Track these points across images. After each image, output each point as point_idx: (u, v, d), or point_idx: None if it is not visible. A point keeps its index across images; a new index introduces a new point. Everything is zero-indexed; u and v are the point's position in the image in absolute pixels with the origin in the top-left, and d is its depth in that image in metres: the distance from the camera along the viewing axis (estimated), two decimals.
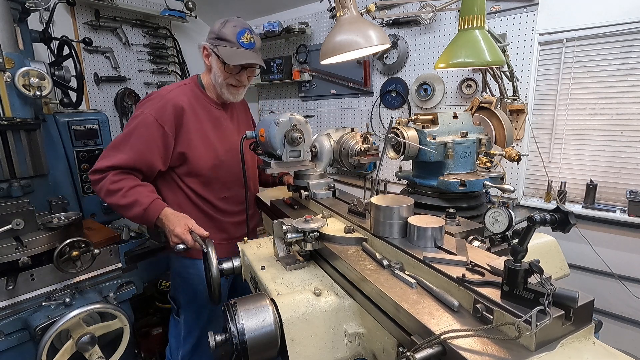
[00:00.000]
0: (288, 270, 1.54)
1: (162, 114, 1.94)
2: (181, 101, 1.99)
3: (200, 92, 2.13)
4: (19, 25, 2.37)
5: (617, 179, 2.83)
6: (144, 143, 1.92)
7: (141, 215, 1.89)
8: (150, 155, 1.95)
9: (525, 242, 0.89)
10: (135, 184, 1.92)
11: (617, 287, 2.84)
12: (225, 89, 2.08)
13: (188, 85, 2.13)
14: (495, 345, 0.84)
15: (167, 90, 2.04)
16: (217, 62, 2.02)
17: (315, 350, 1.22)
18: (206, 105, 2.12)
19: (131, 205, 1.88)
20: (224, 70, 2.02)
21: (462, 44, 1.76)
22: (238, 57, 1.97)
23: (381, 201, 1.38)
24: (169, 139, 1.97)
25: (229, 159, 2.15)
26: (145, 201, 1.89)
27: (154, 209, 1.89)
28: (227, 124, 2.20)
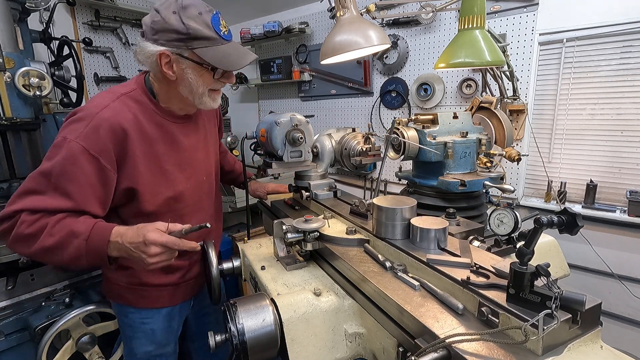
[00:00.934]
0: (288, 270, 1.54)
1: (95, 141, 1.36)
2: (122, 120, 1.43)
3: (150, 102, 1.56)
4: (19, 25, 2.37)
5: (617, 179, 2.83)
6: (72, 185, 1.35)
7: (83, 250, 1.31)
8: (82, 201, 1.37)
9: (532, 244, 0.89)
10: (62, 217, 1.34)
11: (617, 287, 2.84)
12: (207, 97, 1.58)
13: (131, 94, 1.54)
14: (501, 350, 0.83)
15: (99, 105, 1.43)
16: (197, 69, 1.48)
17: (315, 350, 1.22)
18: (158, 120, 1.57)
19: (64, 241, 1.30)
20: (210, 78, 1.52)
21: (462, 44, 1.76)
22: (233, 57, 1.50)
23: (383, 202, 1.38)
24: (108, 174, 1.41)
25: (191, 186, 1.69)
26: (83, 228, 1.32)
27: (100, 233, 1.33)
28: (188, 141, 1.68)
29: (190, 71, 1.48)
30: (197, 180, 1.73)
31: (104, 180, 1.41)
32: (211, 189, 1.85)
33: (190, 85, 1.51)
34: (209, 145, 1.83)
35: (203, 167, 1.77)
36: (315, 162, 2.16)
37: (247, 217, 2.18)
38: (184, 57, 1.44)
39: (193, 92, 1.53)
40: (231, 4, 4.75)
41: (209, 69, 1.48)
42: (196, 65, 1.47)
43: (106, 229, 1.36)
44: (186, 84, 1.51)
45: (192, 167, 1.70)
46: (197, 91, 1.53)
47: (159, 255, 1.34)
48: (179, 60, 1.45)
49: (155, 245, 1.31)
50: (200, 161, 1.75)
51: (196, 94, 1.54)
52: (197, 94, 1.54)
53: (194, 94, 1.54)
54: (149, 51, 1.45)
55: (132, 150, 1.47)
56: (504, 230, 1.29)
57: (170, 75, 1.48)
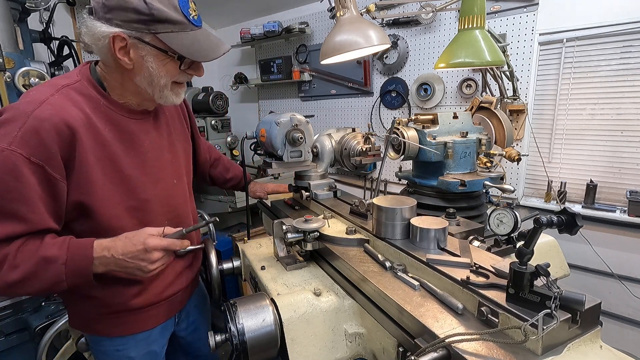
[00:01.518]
0: (288, 270, 1.54)
1: (36, 145, 1.11)
2: (66, 117, 1.17)
3: (100, 95, 1.30)
4: (19, 25, 2.37)
5: (617, 179, 2.83)
6: (20, 204, 1.12)
7: (63, 276, 1.16)
8: (38, 220, 1.16)
9: (532, 244, 0.89)
10: (21, 243, 1.14)
11: (617, 287, 2.84)
12: (169, 91, 1.34)
13: (75, 86, 1.27)
14: (500, 350, 0.84)
15: (34, 101, 1.16)
16: (159, 57, 1.25)
17: (315, 350, 1.22)
18: (111, 116, 1.31)
19: (36, 271, 1.13)
20: (175, 68, 1.30)
21: (462, 44, 1.76)
22: (204, 46, 1.29)
23: (383, 202, 1.38)
24: (58, 185, 1.18)
25: (159, 192, 1.44)
26: (56, 251, 1.15)
27: (80, 253, 1.18)
28: (149, 140, 1.44)
29: (151, 59, 1.25)
30: (167, 185, 1.49)
31: (54, 192, 1.18)
32: (185, 194, 1.60)
33: (151, 75, 1.28)
34: (176, 144, 1.59)
35: (172, 170, 1.53)
36: (315, 162, 2.16)
37: (247, 217, 2.18)
38: (145, 42, 1.22)
39: (153, 84, 1.30)
40: (231, 4, 4.75)
41: (174, 57, 1.26)
42: (159, 53, 1.24)
43: (85, 246, 1.20)
44: (145, 75, 1.28)
45: (159, 170, 1.46)
46: (158, 83, 1.30)
47: (160, 260, 1.28)
48: (138, 45, 1.22)
49: (157, 251, 1.25)
50: (167, 163, 1.50)
51: (156, 87, 1.31)
52: (158, 86, 1.31)
53: (153, 86, 1.31)
54: (99, 32, 1.20)
55: (83, 155, 1.21)
56: (504, 230, 1.29)
57: (126, 62, 1.24)
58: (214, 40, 1.32)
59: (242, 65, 5.45)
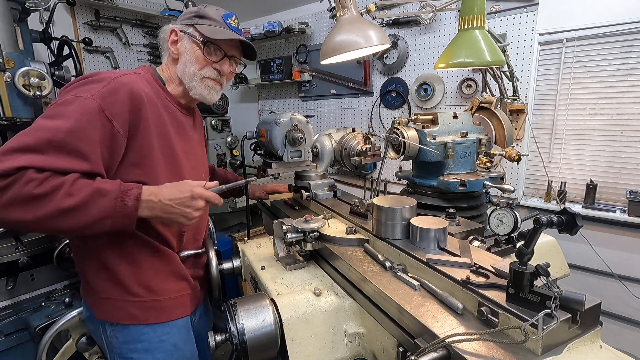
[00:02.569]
0: (288, 270, 1.54)
1: (112, 102, 1.24)
2: (142, 89, 1.35)
3: (160, 87, 1.50)
4: (19, 25, 2.36)
5: (617, 179, 2.83)
6: (88, 145, 1.20)
7: (111, 210, 1.18)
8: (98, 164, 1.23)
9: (532, 244, 0.89)
10: (77, 177, 1.18)
11: (617, 287, 2.84)
12: (199, 82, 1.49)
13: (144, 76, 1.47)
14: (500, 350, 0.83)
15: (118, 73, 1.36)
16: (192, 45, 1.47)
17: (315, 350, 1.22)
18: (168, 105, 1.49)
19: (88, 201, 1.15)
20: (201, 56, 1.47)
21: (462, 44, 1.76)
22: (224, 34, 1.48)
23: (383, 202, 1.38)
24: (119, 142, 1.27)
25: (194, 179, 1.47)
26: (109, 187, 1.20)
27: (130, 191, 1.23)
28: (192, 134, 1.64)
29: (187, 47, 1.48)
30: (199, 176, 1.63)
31: (114, 147, 1.28)
32: None
33: (185, 62, 1.49)
34: (204, 146, 1.80)
35: (203, 164, 1.73)
36: (315, 162, 2.16)
37: (247, 217, 2.18)
38: (187, 33, 1.47)
39: (186, 72, 1.49)
40: (231, 4, 4.75)
41: (199, 42, 1.46)
42: (191, 40, 1.47)
43: (136, 187, 1.25)
44: (182, 61, 1.49)
45: (196, 162, 1.64)
46: (188, 70, 1.48)
47: (201, 210, 1.34)
48: (183, 36, 1.48)
49: (202, 199, 1.32)
50: (200, 157, 1.70)
51: (187, 74, 1.49)
52: (188, 73, 1.49)
53: (186, 74, 1.49)
54: (164, 29, 1.53)
55: (147, 124, 1.34)
56: (504, 230, 1.29)
57: (173, 52, 1.50)
58: (238, 36, 1.51)
59: None
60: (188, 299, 1.58)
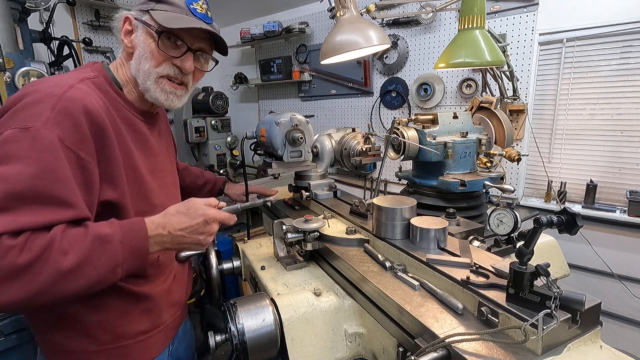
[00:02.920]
0: (288, 270, 1.54)
1: (71, 127, 1.00)
2: (94, 104, 1.07)
3: (116, 93, 1.21)
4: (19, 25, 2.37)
5: (617, 179, 2.83)
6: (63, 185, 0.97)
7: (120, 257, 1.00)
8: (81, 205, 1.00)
9: (532, 244, 0.89)
10: (63, 229, 0.96)
11: (617, 287, 2.84)
12: (154, 84, 1.20)
13: (95, 81, 1.17)
14: (500, 350, 0.84)
15: (60, 84, 1.05)
16: (147, 36, 1.18)
17: (315, 350, 1.22)
18: (126, 115, 1.22)
19: (90, 254, 0.95)
20: (155, 49, 1.17)
21: (462, 44, 1.76)
22: (185, 21, 1.17)
23: (383, 202, 1.38)
24: (91, 172, 1.04)
25: (164, 199, 1.32)
26: (108, 229, 1.01)
27: (133, 229, 1.05)
28: (157, 144, 1.37)
29: (141, 38, 1.19)
30: (169, 193, 1.40)
31: (88, 181, 1.04)
32: None
33: (139, 56, 1.20)
34: (172, 156, 1.54)
35: (171, 178, 1.47)
36: (315, 162, 2.16)
37: (247, 217, 2.18)
38: (142, 21, 1.18)
39: (139, 69, 1.20)
40: (231, 4, 4.75)
41: (156, 31, 1.16)
42: (146, 29, 1.18)
43: (137, 223, 1.07)
44: (136, 56, 1.20)
45: (164, 177, 1.38)
46: (143, 67, 1.19)
47: (214, 234, 1.18)
48: (138, 25, 1.20)
49: (216, 222, 1.16)
50: (168, 170, 1.44)
51: (141, 72, 1.20)
52: (142, 71, 1.19)
53: (139, 71, 1.20)
54: (117, 17, 1.23)
55: (111, 145, 1.10)
56: (504, 230, 1.29)
57: (127, 45, 1.22)
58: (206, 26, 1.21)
59: (242, 65, 5.45)
60: (162, 335, 1.35)
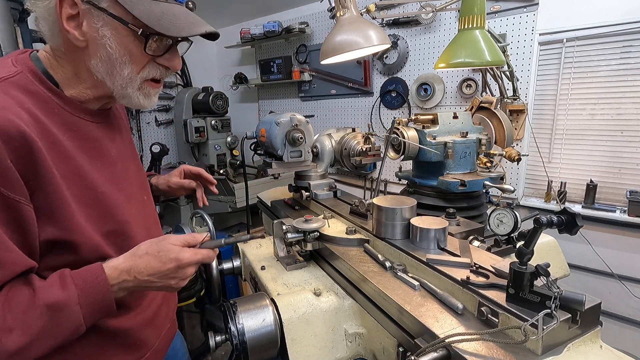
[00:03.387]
0: (288, 270, 1.54)
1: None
2: (16, 121, 0.83)
3: (49, 91, 0.95)
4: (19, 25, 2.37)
5: (617, 179, 2.83)
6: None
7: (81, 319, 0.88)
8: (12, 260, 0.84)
9: (532, 244, 0.89)
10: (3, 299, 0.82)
11: (617, 287, 2.84)
12: (137, 90, 1.01)
13: (14, 80, 0.91)
14: (500, 350, 0.84)
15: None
16: (119, 35, 0.93)
17: (315, 350, 1.22)
18: (67, 118, 0.98)
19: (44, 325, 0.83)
20: (139, 52, 0.96)
21: (462, 44, 1.76)
22: (180, 19, 0.96)
23: (383, 202, 1.38)
24: (22, 210, 0.85)
25: (135, 211, 1.14)
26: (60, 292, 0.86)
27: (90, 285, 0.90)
28: (115, 147, 1.14)
29: (108, 33, 0.92)
30: (139, 203, 1.19)
31: (20, 222, 0.85)
32: (154, 214, 1.30)
33: (110, 59, 0.94)
34: (136, 154, 1.30)
35: (139, 184, 1.24)
36: (315, 162, 2.16)
37: (247, 217, 2.18)
38: (99, 7, 0.89)
39: (113, 74, 0.97)
40: (231, 4, 4.75)
41: (137, 32, 0.92)
42: (118, 25, 0.91)
43: (94, 274, 0.91)
44: (102, 57, 0.94)
45: (129, 185, 1.16)
46: (120, 73, 0.96)
47: (189, 277, 1.03)
48: (92, 12, 0.90)
49: (192, 266, 1.00)
50: (134, 175, 1.21)
51: (117, 78, 0.97)
52: (120, 77, 0.97)
53: (114, 76, 0.97)
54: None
55: (46, 170, 0.88)
56: (504, 230, 1.29)
57: (76, 38, 0.91)
58: (193, 18, 1.00)
59: (242, 65, 5.45)
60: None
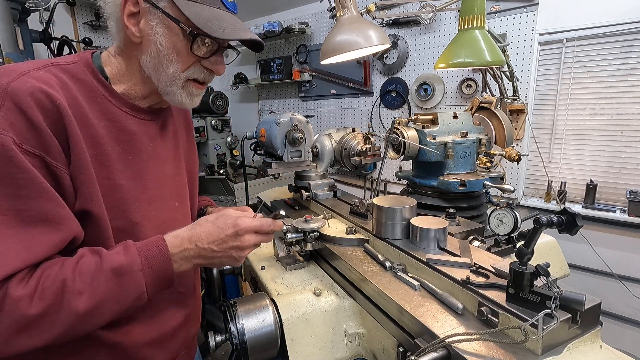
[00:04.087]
0: (288, 270, 1.54)
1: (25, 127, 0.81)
2: (51, 91, 0.85)
3: (97, 81, 0.99)
4: (19, 25, 2.37)
5: (617, 179, 2.83)
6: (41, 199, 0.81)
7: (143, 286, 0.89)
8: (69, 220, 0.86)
9: (532, 244, 0.88)
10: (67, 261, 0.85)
11: (617, 287, 2.84)
12: (181, 88, 1.03)
13: (68, 67, 0.96)
14: (500, 350, 0.83)
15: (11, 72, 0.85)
16: (170, 32, 0.97)
17: (315, 350, 1.22)
18: (109, 109, 0.99)
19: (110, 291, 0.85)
20: (185, 50, 0.99)
21: (462, 44, 1.76)
22: (228, 24, 0.99)
23: (383, 202, 1.38)
24: (63, 178, 0.86)
25: (155, 214, 1.09)
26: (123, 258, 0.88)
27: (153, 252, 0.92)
28: (153, 146, 1.11)
29: (160, 31, 0.96)
30: (165, 207, 1.13)
31: (61, 189, 0.86)
32: (188, 222, 1.14)
33: (158, 56, 0.98)
34: (182, 159, 1.25)
35: (173, 189, 1.18)
36: (315, 162, 2.16)
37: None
38: (157, 6, 0.94)
39: (159, 70, 1.00)
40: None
41: (186, 32, 0.95)
42: (170, 23, 0.95)
43: (155, 243, 0.94)
44: (152, 53, 0.98)
45: (158, 187, 1.11)
46: (166, 70, 0.99)
47: (251, 247, 1.05)
48: (150, 11, 0.95)
49: (249, 233, 1.02)
50: (169, 179, 1.16)
51: (162, 74, 1.00)
52: (165, 74, 1.00)
53: (159, 72, 1.00)
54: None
55: (76, 142, 0.88)
56: (504, 230, 1.29)
57: (133, 34, 0.97)
58: (242, 25, 1.04)
59: (242, 65, 5.45)
60: None
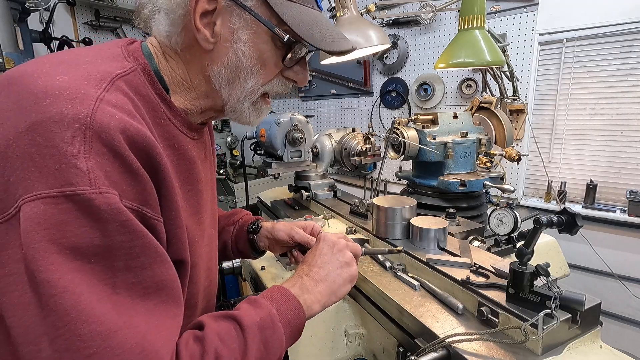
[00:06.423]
0: (288, 270, 1.54)
1: (123, 174, 0.61)
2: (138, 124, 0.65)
3: (160, 98, 0.77)
4: (19, 25, 2.37)
5: (617, 179, 2.83)
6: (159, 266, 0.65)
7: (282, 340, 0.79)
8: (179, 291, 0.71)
9: (532, 244, 0.88)
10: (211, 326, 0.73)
11: (617, 287, 2.84)
12: (251, 105, 0.87)
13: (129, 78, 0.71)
14: (500, 350, 0.84)
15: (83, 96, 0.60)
16: (258, 40, 0.78)
17: (315, 350, 1.22)
18: (172, 132, 0.80)
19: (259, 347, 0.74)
20: (276, 62, 0.81)
21: (462, 44, 1.76)
22: (330, 32, 0.83)
23: (383, 202, 1.38)
24: (160, 232, 0.70)
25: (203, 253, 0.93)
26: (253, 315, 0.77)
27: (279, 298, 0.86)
28: (205, 174, 0.96)
29: (244, 37, 0.76)
30: (209, 238, 1.00)
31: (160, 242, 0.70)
32: (217, 251, 1.09)
33: (237, 67, 0.79)
34: (215, 180, 1.10)
35: (211, 216, 1.03)
36: (315, 162, 2.16)
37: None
38: (243, 6, 0.74)
39: (234, 84, 0.81)
40: None
41: (283, 39, 0.76)
42: (261, 29, 0.76)
43: (277, 291, 0.88)
44: (229, 64, 0.78)
45: (205, 218, 0.95)
46: (244, 84, 0.81)
47: (354, 263, 0.98)
48: (232, 11, 0.75)
49: (347, 250, 0.98)
50: (209, 204, 1.00)
51: (237, 88, 0.82)
52: (241, 88, 0.82)
53: (233, 86, 0.81)
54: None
55: (168, 185, 0.72)
56: (504, 230, 1.29)
57: (206, 38, 0.75)
58: (339, 30, 0.88)
59: None
60: None
